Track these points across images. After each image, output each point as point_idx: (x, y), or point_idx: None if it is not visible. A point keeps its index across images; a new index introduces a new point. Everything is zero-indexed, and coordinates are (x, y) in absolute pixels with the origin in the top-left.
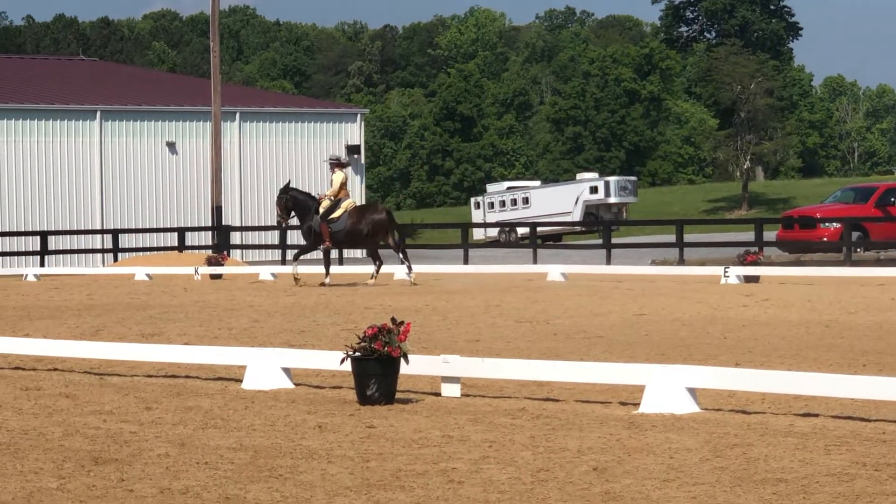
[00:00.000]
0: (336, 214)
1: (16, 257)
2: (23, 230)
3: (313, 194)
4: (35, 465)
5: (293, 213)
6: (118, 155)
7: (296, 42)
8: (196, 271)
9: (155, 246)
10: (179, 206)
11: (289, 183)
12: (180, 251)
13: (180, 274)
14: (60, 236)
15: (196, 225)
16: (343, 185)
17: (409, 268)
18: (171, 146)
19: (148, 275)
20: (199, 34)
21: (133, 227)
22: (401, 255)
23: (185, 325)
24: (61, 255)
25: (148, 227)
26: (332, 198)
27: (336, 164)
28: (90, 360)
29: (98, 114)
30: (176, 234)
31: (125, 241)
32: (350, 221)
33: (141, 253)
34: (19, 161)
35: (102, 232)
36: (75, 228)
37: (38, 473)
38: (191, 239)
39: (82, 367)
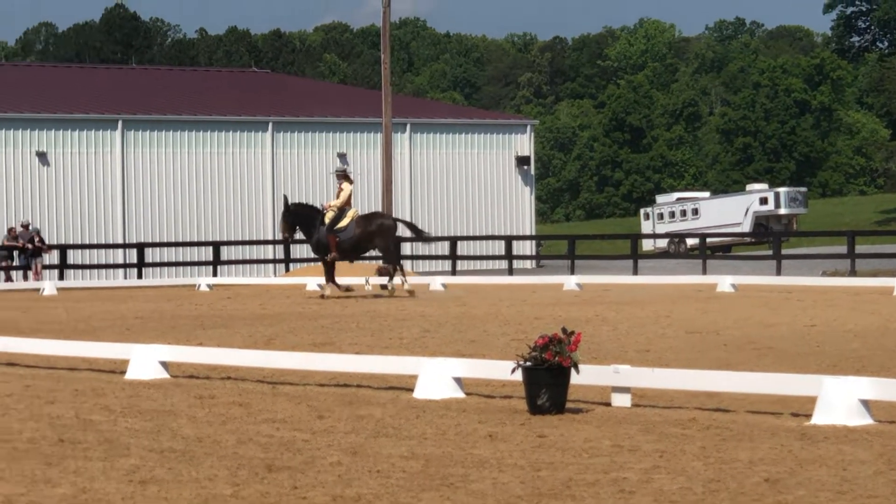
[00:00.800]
0: (343, 224)
1: (189, 267)
2: (196, 240)
3: (317, 206)
4: (210, 472)
5: (297, 228)
6: (290, 166)
7: (466, 54)
8: (367, 281)
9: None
10: None
11: (286, 199)
12: (351, 261)
13: (351, 284)
14: (233, 246)
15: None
16: (349, 197)
17: (403, 277)
18: (342, 157)
19: (319, 285)
20: (369, 46)
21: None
22: (396, 267)
23: (356, 334)
24: (234, 265)
25: None
26: (337, 209)
27: (343, 176)
28: (263, 368)
29: (270, 125)
30: None
31: (296, 251)
32: (358, 230)
33: (311, 263)
34: (193, 172)
35: (274, 242)
36: (247, 239)
37: (212, 480)
38: None
39: (255, 376)
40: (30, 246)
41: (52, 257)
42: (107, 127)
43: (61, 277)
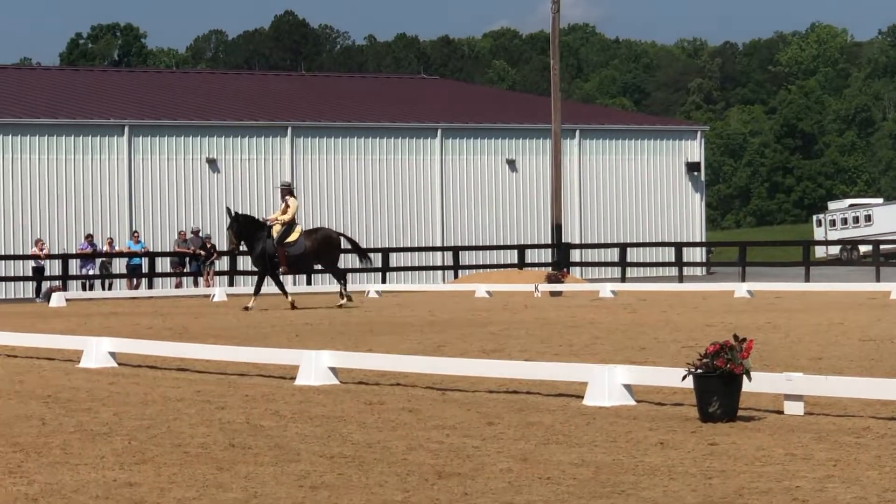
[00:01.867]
0: (292, 238)
1: (358, 274)
2: (365, 247)
3: (260, 219)
4: (380, 478)
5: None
6: (459, 172)
7: (635, 59)
8: (536, 288)
9: (494, 263)
10: (519, 223)
11: (229, 210)
12: (520, 268)
13: (520, 291)
14: (402, 253)
15: (535, 242)
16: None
17: (344, 289)
18: (511, 163)
19: (488, 291)
20: (538, 52)
21: (473, 245)
22: (339, 279)
23: (525, 341)
24: (403, 272)
25: (488, 244)
26: (285, 224)
27: (288, 191)
28: (432, 375)
29: (439, 132)
30: (516, 251)
31: (465, 257)
32: (308, 244)
33: (481, 270)
34: (362, 178)
35: (443, 249)
36: (416, 245)
37: (382, 486)
38: (530, 256)
39: (425, 383)
40: (201, 252)
41: (223, 263)
42: (276, 134)
43: (231, 283)
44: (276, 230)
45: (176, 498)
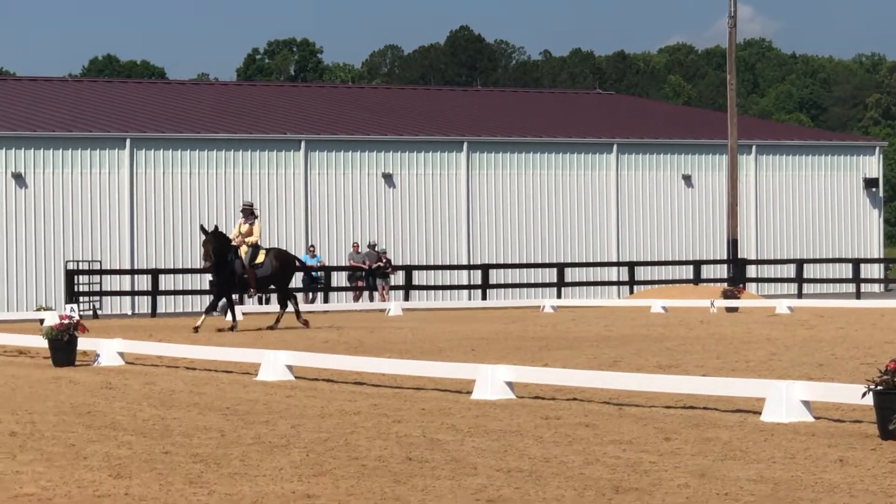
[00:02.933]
0: (260, 260)
1: (533, 289)
2: (540, 262)
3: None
4: (557, 493)
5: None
6: (634, 187)
7: (812, 74)
8: (712, 304)
9: (670, 278)
10: (694, 238)
11: (203, 227)
12: (696, 284)
13: (696, 307)
14: (577, 268)
15: (711, 258)
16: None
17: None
18: (687, 179)
19: (664, 307)
20: (714, 67)
21: (649, 260)
22: (291, 299)
23: (702, 357)
24: (578, 287)
25: (663, 259)
26: (252, 245)
27: (251, 212)
28: (609, 390)
29: (614, 147)
30: (691, 266)
31: (641, 273)
32: (275, 264)
33: (656, 285)
34: (538, 193)
35: (618, 264)
36: (592, 260)
37: (559, 500)
38: (706, 272)
39: (601, 398)
40: (379, 265)
41: (398, 278)
42: (451, 149)
43: (406, 298)
44: (244, 251)
45: None
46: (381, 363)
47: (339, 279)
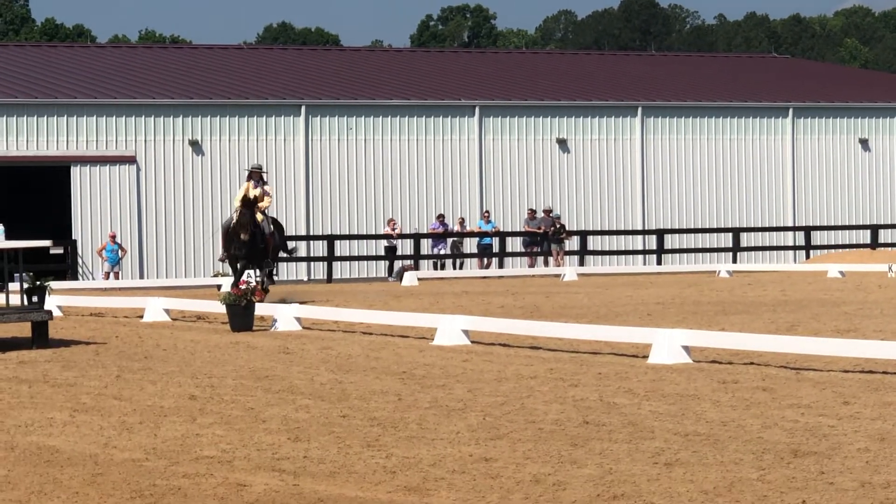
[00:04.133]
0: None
1: (708, 254)
2: (715, 227)
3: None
4: (735, 456)
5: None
6: (810, 151)
7: None
8: (890, 268)
9: (847, 243)
10: (871, 202)
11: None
12: (873, 248)
13: (873, 271)
14: (753, 233)
15: (889, 222)
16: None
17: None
18: (864, 143)
19: (840, 272)
20: (892, 29)
21: (825, 225)
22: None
23: (880, 321)
24: (754, 252)
25: (839, 224)
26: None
27: (260, 175)
28: (786, 354)
29: (790, 111)
30: (868, 231)
31: (817, 238)
32: (272, 231)
33: (833, 250)
34: (713, 158)
35: (794, 229)
36: (767, 225)
37: (737, 464)
38: (884, 236)
39: (778, 362)
40: (550, 230)
41: (573, 243)
42: (626, 114)
43: (581, 263)
44: (259, 219)
45: (532, 473)
46: (558, 327)
47: (514, 244)
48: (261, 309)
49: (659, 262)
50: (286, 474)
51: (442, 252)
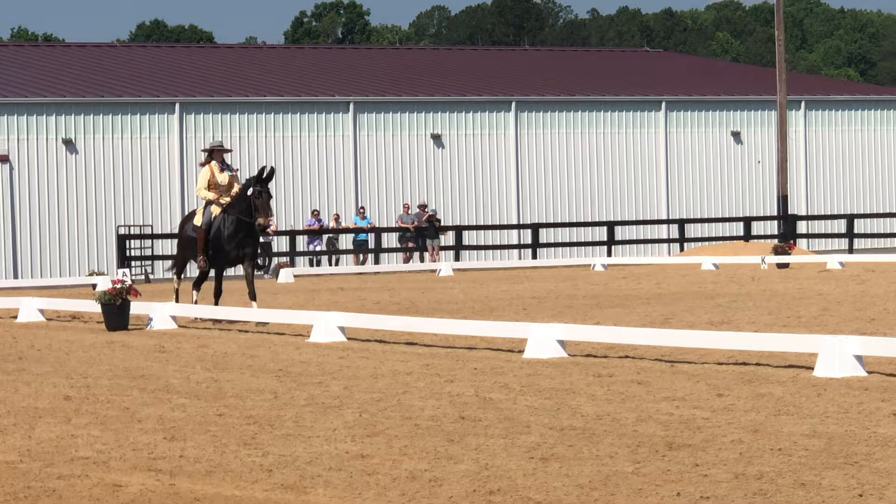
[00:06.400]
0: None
1: (583, 247)
2: (590, 221)
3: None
4: (610, 450)
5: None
6: (683, 145)
7: (861, 29)
8: (763, 260)
9: (720, 235)
10: (744, 195)
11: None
12: (746, 240)
13: (747, 263)
14: (627, 226)
15: (761, 214)
16: None
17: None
18: (736, 136)
19: (714, 264)
20: (762, 23)
21: (698, 217)
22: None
23: (753, 313)
24: (628, 245)
25: (713, 216)
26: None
27: (222, 155)
28: (661, 347)
29: (663, 104)
30: (741, 223)
31: (691, 230)
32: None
33: (707, 242)
34: (586, 152)
35: (668, 222)
36: (641, 218)
37: (613, 458)
38: (756, 228)
39: (653, 355)
40: (425, 225)
41: (448, 238)
42: (500, 108)
43: (457, 258)
44: (215, 212)
45: (408, 470)
46: (434, 323)
47: (389, 241)
48: (136, 308)
49: (534, 257)
50: (162, 474)
51: (317, 249)
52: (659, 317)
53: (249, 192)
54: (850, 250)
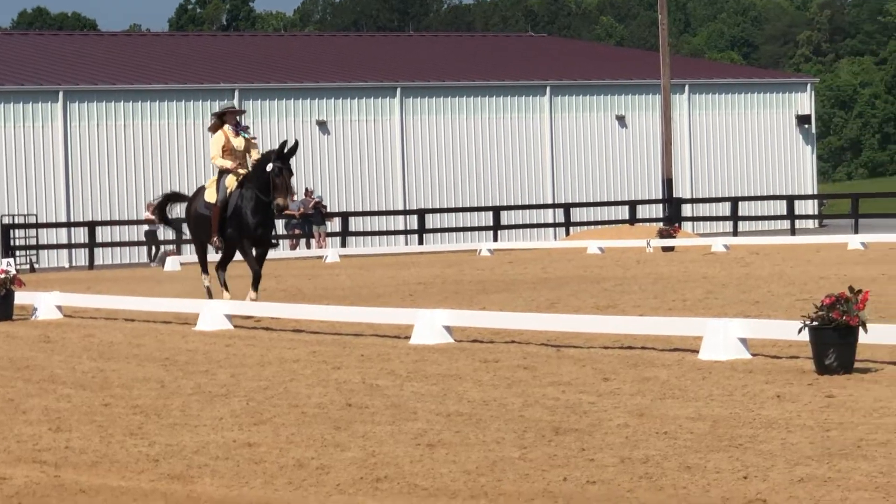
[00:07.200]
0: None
1: (470, 232)
2: (476, 206)
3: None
4: (497, 435)
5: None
6: (568, 129)
7: (743, 13)
8: (648, 244)
9: (606, 219)
10: (630, 179)
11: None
12: (631, 224)
13: (632, 247)
14: (513, 211)
15: (646, 198)
16: None
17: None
18: (621, 119)
19: (600, 248)
20: (646, 7)
21: (584, 202)
22: None
23: (639, 296)
24: (514, 230)
25: (598, 200)
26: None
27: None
28: (547, 332)
29: (548, 89)
30: (627, 207)
31: (576, 214)
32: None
33: (592, 226)
34: (472, 137)
35: (554, 206)
36: (527, 203)
37: (500, 443)
38: (641, 212)
39: (539, 340)
40: (311, 212)
41: (334, 225)
42: (385, 94)
43: (343, 244)
44: (232, 183)
45: (295, 458)
46: (320, 310)
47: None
48: (20, 297)
49: (420, 242)
50: (47, 466)
51: None
52: (545, 301)
53: (269, 167)
54: (735, 233)
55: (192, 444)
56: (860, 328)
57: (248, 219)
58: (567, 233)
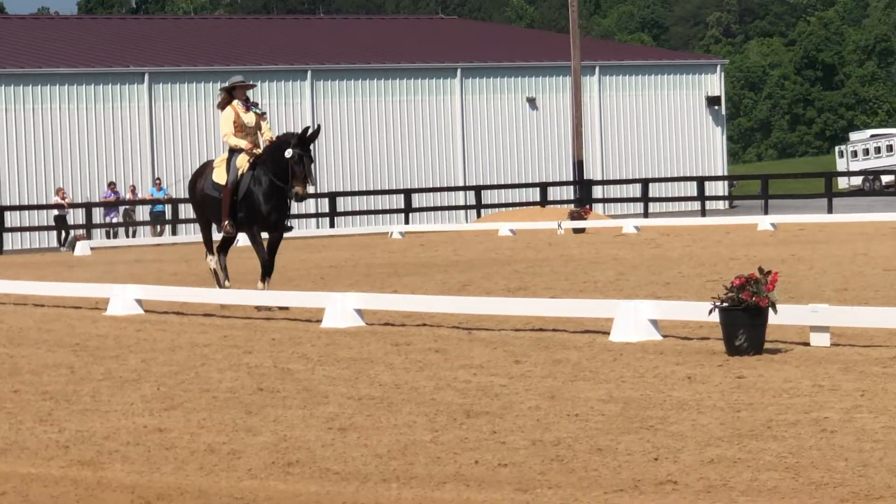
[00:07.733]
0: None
1: (381, 215)
2: (387, 188)
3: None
4: (408, 419)
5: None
6: (479, 111)
7: None
8: (559, 226)
9: (517, 201)
10: (540, 161)
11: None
12: (542, 206)
13: (543, 229)
14: (424, 194)
15: (557, 180)
16: None
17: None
18: (532, 101)
19: (511, 230)
20: None
21: (495, 184)
22: None
23: (550, 279)
24: (425, 213)
25: (509, 182)
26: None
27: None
28: (458, 315)
29: (458, 71)
30: (538, 189)
31: (488, 197)
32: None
33: (504, 209)
34: (383, 120)
35: (465, 188)
36: (438, 185)
37: (411, 427)
38: (553, 194)
39: (451, 322)
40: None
41: None
42: (296, 77)
43: None
44: (243, 163)
45: (206, 443)
46: (231, 294)
47: (186, 211)
48: None
49: (332, 225)
50: None
51: (114, 221)
52: (456, 284)
53: (288, 153)
54: (646, 214)
55: (102, 430)
56: (770, 309)
57: (260, 205)
58: (478, 215)
